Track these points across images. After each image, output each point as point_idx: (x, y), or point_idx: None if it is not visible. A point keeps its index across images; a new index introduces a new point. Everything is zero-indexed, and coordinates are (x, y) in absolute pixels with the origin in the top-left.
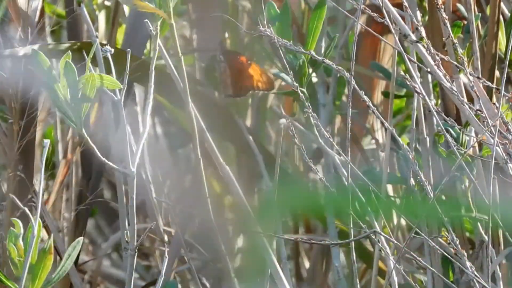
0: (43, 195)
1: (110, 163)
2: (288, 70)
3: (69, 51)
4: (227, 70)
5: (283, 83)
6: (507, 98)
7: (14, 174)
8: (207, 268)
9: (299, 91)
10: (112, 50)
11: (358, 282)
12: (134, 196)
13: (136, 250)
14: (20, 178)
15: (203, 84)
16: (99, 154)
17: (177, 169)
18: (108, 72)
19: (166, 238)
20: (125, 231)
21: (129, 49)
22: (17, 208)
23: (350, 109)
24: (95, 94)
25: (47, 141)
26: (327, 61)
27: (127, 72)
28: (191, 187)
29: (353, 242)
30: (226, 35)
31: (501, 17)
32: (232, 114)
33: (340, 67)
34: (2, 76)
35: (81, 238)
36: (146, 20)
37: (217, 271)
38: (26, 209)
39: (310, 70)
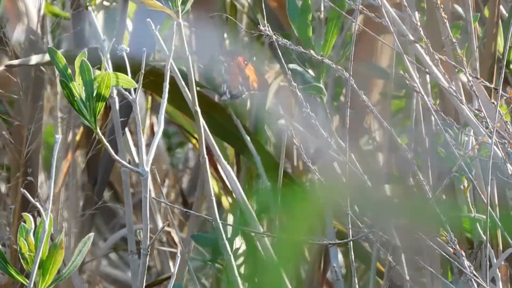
0: (53, 189)
1: (124, 163)
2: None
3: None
4: (228, 71)
5: (282, 83)
6: (505, 98)
7: (23, 178)
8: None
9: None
10: (128, 49)
11: (356, 282)
12: (148, 195)
13: (149, 251)
14: (26, 182)
15: (201, 85)
16: (113, 152)
17: (175, 168)
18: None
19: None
20: (138, 231)
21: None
22: (24, 211)
23: (349, 109)
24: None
25: (58, 137)
26: (326, 60)
27: (142, 71)
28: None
29: (351, 242)
30: (225, 35)
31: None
32: (231, 114)
33: (339, 67)
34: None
35: (91, 235)
36: (149, 19)
37: (217, 271)
38: (38, 204)
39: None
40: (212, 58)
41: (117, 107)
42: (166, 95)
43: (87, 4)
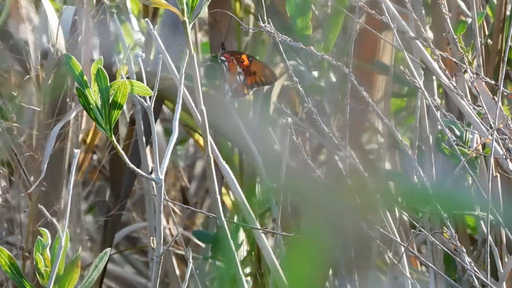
0: (70, 205)
1: (137, 170)
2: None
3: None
4: (230, 70)
5: (285, 82)
6: (506, 94)
7: (40, 188)
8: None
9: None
10: (143, 55)
11: (356, 279)
12: (162, 203)
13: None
14: (45, 191)
15: (204, 84)
16: (126, 158)
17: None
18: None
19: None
20: (151, 238)
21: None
22: (40, 219)
23: (354, 106)
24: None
25: (77, 151)
26: (326, 57)
27: (158, 78)
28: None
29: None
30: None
31: None
32: (234, 113)
33: (340, 63)
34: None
35: (108, 249)
36: (147, 19)
37: (221, 270)
38: (54, 220)
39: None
40: (214, 58)
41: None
42: (180, 99)
43: (113, 10)
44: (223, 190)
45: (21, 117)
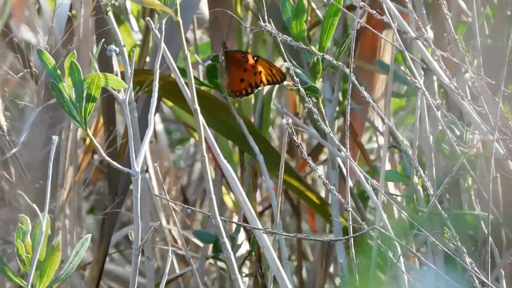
0: (51, 191)
1: (114, 163)
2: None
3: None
4: (232, 70)
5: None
6: (506, 94)
7: (35, 184)
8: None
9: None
10: (118, 49)
11: (357, 278)
12: (139, 196)
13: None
14: (41, 188)
15: (203, 83)
16: (103, 153)
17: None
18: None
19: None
20: (130, 231)
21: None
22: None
23: (350, 105)
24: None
25: (55, 138)
26: (327, 56)
27: (132, 71)
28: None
29: (352, 238)
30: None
31: None
32: (235, 113)
33: (340, 63)
34: None
35: (89, 236)
36: (148, 18)
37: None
38: (35, 206)
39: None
40: (215, 57)
41: (128, 111)
42: (156, 94)
43: (107, 9)
44: (224, 190)
45: (22, 116)
